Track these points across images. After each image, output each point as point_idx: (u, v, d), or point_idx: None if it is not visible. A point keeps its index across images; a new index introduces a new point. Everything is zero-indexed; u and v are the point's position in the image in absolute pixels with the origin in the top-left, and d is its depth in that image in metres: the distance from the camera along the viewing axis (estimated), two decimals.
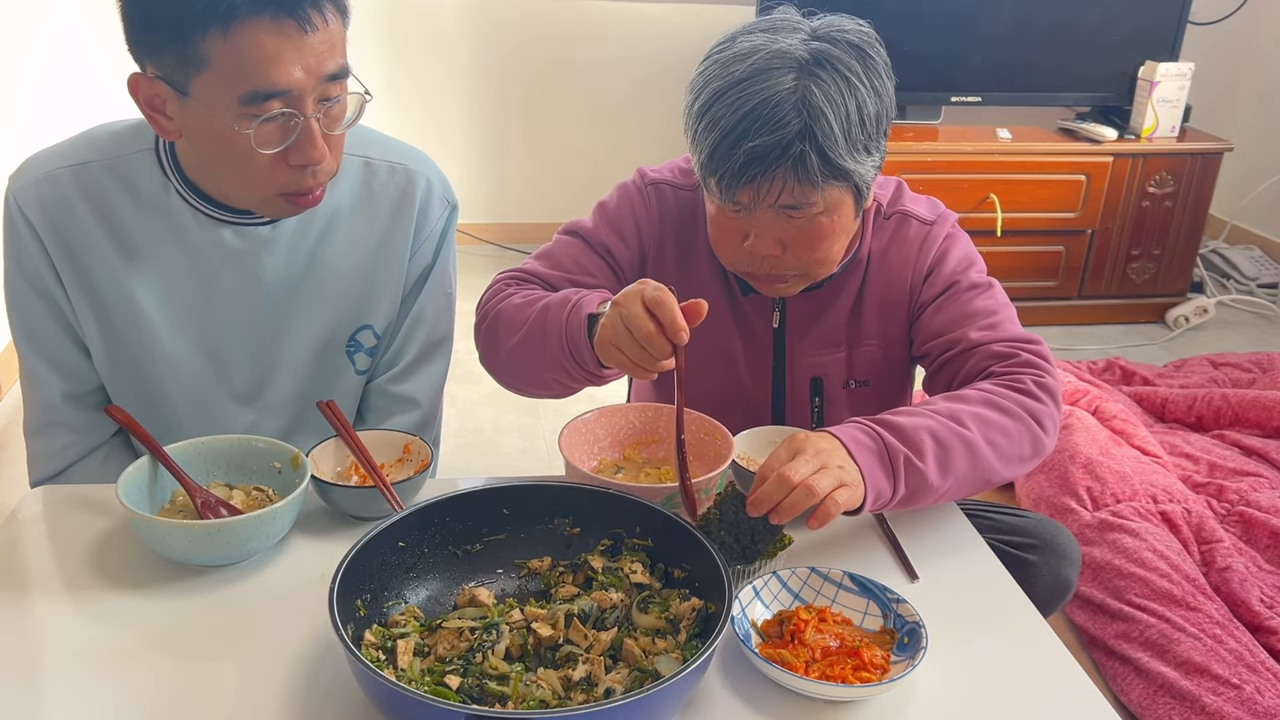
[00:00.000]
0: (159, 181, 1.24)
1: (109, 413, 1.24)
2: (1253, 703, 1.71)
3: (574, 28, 3.87)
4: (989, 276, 1.35)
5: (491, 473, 1.29)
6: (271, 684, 0.94)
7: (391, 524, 1.00)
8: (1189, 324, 3.58)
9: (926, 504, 1.15)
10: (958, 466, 1.13)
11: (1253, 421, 2.66)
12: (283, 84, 1.07)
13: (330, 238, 1.31)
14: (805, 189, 1.16)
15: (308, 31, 1.07)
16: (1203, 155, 3.44)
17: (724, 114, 1.15)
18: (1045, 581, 1.37)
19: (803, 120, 1.13)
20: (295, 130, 1.11)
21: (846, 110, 1.14)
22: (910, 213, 1.35)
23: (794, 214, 1.19)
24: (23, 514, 1.18)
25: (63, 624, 1.01)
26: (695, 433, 1.28)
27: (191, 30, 1.05)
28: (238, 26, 1.04)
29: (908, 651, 0.97)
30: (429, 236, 1.36)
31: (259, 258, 1.27)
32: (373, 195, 1.32)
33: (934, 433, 1.13)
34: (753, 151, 1.13)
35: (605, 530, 1.08)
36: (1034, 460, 1.22)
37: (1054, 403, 1.23)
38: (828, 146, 1.14)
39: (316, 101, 1.11)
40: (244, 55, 1.05)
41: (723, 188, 1.17)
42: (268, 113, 1.08)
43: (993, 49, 3.42)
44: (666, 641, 0.97)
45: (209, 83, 1.08)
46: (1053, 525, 1.43)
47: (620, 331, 1.07)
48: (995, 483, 1.19)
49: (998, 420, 1.17)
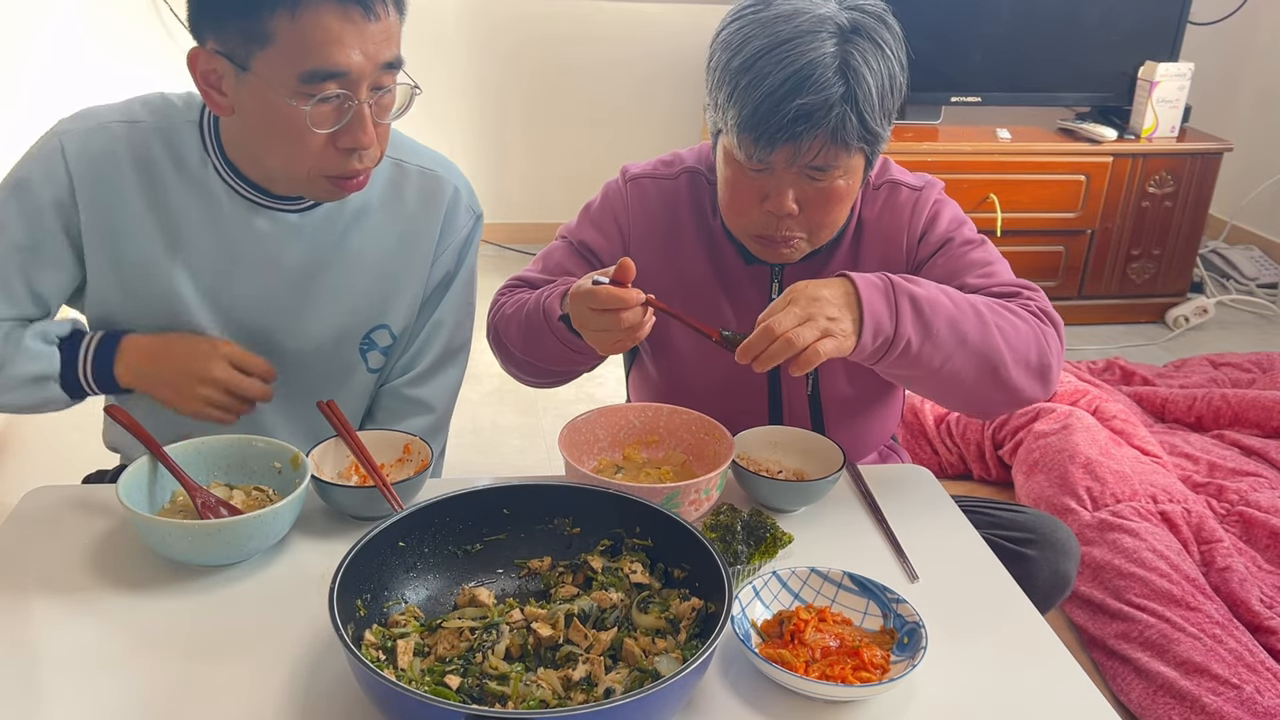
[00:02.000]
0: (199, 155, 1.26)
1: (109, 412, 1.24)
2: (1253, 703, 1.71)
3: (574, 28, 3.87)
4: (980, 234, 1.38)
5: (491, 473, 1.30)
6: (271, 684, 0.94)
7: (391, 524, 1.00)
8: (1189, 324, 3.58)
9: (931, 365, 1.18)
10: (966, 330, 1.18)
11: (1253, 421, 2.66)
12: (342, 66, 1.11)
13: (355, 233, 1.33)
14: (837, 151, 1.19)
15: (370, 19, 1.11)
16: (1202, 155, 3.44)
17: (771, 70, 1.17)
18: (1044, 576, 1.37)
19: (847, 84, 1.17)
20: (348, 113, 1.15)
21: (881, 78, 1.20)
22: (899, 180, 1.39)
23: (818, 175, 1.22)
24: (23, 514, 1.18)
25: (63, 624, 1.01)
26: (695, 432, 1.28)
27: (260, 7, 1.09)
28: (306, 7, 1.09)
29: (908, 651, 0.97)
30: (453, 244, 1.39)
31: (285, 243, 1.29)
32: (401, 196, 1.35)
33: (949, 294, 1.19)
34: (801, 109, 1.16)
35: (605, 530, 1.08)
36: (1039, 376, 1.24)
37: (1058, 334, 1.28)
38: (866, 111, 1.18)
39: (370, 88, 1.15)
40: (308, 35, 1.09)
41: (760, 145, 1.19)
42: (324, 93, 1.12)
43: (993, 49, 3.42)
44: (666, 641, 0.97)
45: (270, 59, 1.11)
46: (1051, 521, 1.44)
47: (587, 321, 1.16)
48: (1001, 374, 1.21)
49: (1008, 315, 1.23)
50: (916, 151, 3.26)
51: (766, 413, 1.43)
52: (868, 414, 1.45)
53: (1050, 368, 1.25)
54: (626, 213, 1.41)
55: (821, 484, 1.21)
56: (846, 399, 1.41)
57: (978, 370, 1.20)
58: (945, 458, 2.64)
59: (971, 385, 1.22)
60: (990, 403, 1.27)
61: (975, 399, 1.26)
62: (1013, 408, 1.30)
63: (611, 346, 1.18)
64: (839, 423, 1.42)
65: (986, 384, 1.22)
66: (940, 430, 2.66)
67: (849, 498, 1.28)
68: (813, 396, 1.41)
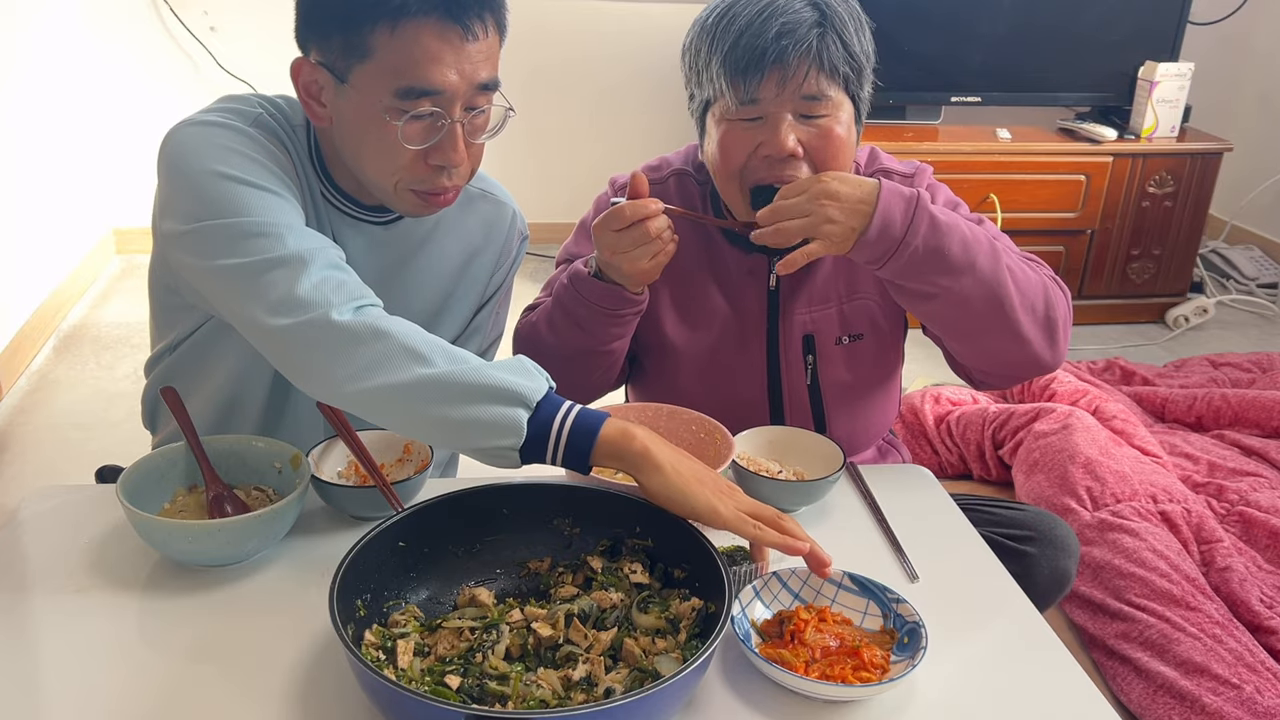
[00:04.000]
0: (297, 162, 1.24)
1: (163, 394, 1.24)
2: (1253, 703, 1.71)
3: (576, 28, 3.87)
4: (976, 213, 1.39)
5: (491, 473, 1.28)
6: (272, 683, 0.94)
7: (391, 524, 1.00)
8: (1189, 324, 3.58)
9: (938, 281, 1.21)
10: (976, 256, 1.21)
11: (1253, 421, 2.66)
12: (437, 84, 1.12)
13: (425, 250, 1.36)
14: (825, 79, 1.22)
15: (468, 40, 1.12)
16: (1203, 155, 3.44)
17: (744, 10, 1.23)
18: (1044, 574, 1.38)
19: (820, 11, 1.23)
20: (441, 131, 1.16)
21: (854, 18, 1.25)
22: (890, 169, 1.41)
23: (812, 110, 1.23)
24: (23, 514, 1.18)
25: (63, 624, 1.01)
26: (695, 432, 1.28)
27: (362, 21, 1.10)
28: (405, 23, 1.09)
29: (908, 651, 0.97)
30: (506, 265, 1.45)
31: (367, 254, 1.31)
32: (467, 218, 1.39)
33: (968, 222, 1.23)
34: (781, 27, 1.20)
35: (605, 530, 1.08)
36: (1046, 330, 1.27)
37: (1066, 299, 1.30)
38: (844, 34, 1.23)
39: (464, 108, 1.16)
40: (406, 51, 1.10)
41: (748, 77, 1.22)
42: (417, 109, 1.13)
43: (993, 49, 3.42)
44: (666, 641, 0.97)
45: (369, 72, 1.12)
46: (1050, 518, 1.44)
47: (618, 246, 1.20)
48: (1008, 312, 1.23)
49: (1016, 260, 1.27)
50: (916, 151, 3.26)
51: (766, 402, 1.43)
52: (867, 403, 1.45)
53: (1057, 325, 1.28)
54: None
55: (821, 484, 1.21)
56: (845, 386, 1.41)
57: (984, 301, 1.23)
58: (945, 457, 2.64)
59: (978, 317, 1.24)
60: (997, 349, 1.29)
61: (982, 337, 1.28)
62: (1019, 365, 1.30)
63: (647, 265, 1.21)
64: (839, 411, 1.42)
65: (993, 320, 1.24)
66: (940, 430, 2.66)
67: (849, 498, 1.28)
68: (812, 386, 1.41)
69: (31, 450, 2.60)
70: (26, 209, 3.08)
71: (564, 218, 3.70)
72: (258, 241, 1.07)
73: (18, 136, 3.01)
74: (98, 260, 3.63)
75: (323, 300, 1.04)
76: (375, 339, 1.02)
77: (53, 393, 2.88)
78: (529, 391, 1.00)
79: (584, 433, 1.01)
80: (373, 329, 1.02)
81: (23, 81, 3.07)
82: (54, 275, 3.28)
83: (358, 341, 1.02)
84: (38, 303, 3.12)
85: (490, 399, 0.99)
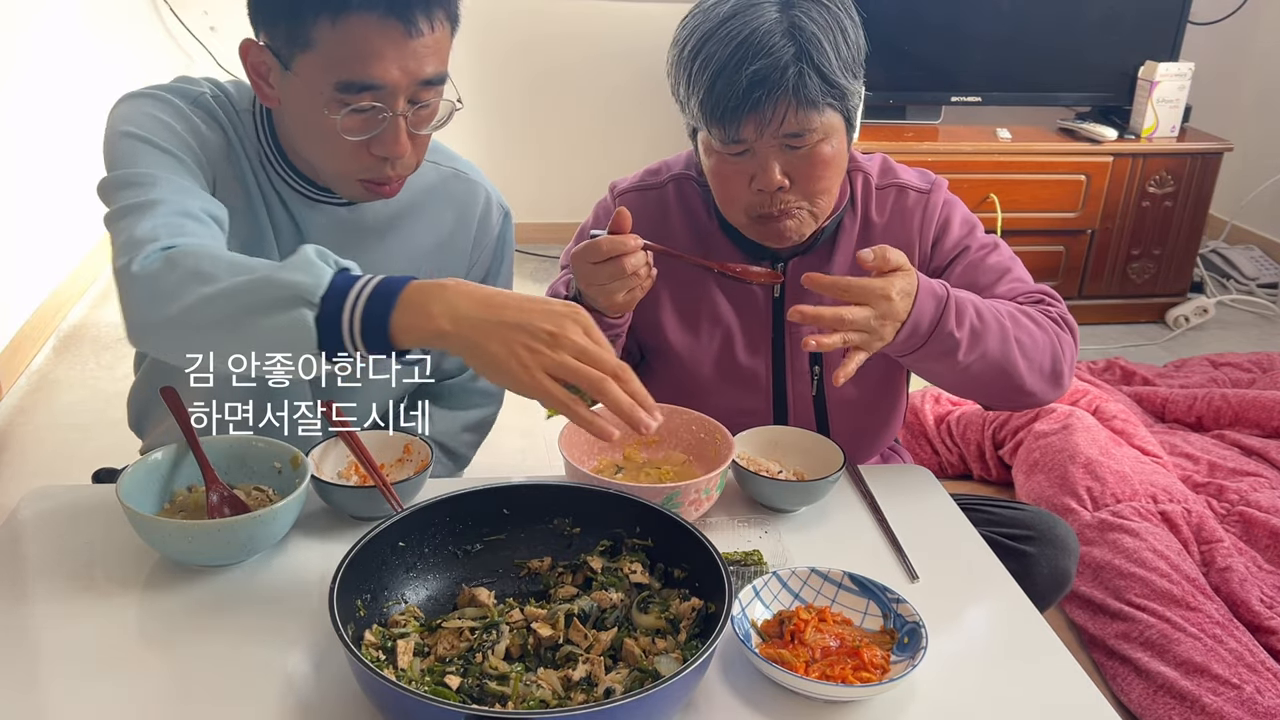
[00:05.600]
0: (255, 147, 1.26)
1: (162, 393, 1.23)
2: (1253, 703, 1.71)
3: (576, 27, 3.87)
4: (991, 234, 1.40)
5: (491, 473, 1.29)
6: (271, 684, 0.94)
7: (391, 524, 1.00)
8: (1189, 324, 3.58)
9: (947, 367, 1.23)
10: (986, 343, 1.22)
11: (1253, 421, 2.66)
12: (378, 79, 1.11)
13: (399, 231, 1.35)
14: (806, 113, 1.20)
15: (412, 35, 1.11)
16: (1203, 155, 3.44)
17: (717, 50, 1.19)
18: (1043, 573, 1.38)
19: (796, 44, 1.18)
20: (382, 124, 1.15)
21: (833, 34, 1.21)
22: (906, 184, 1.40)
23: (796, 143, 1.22)
24: (23, 514, 1.18)
25: (63, 624, 1.01)
26: (695, 433, 1.28)
27: (304, 11, 1.10)
28: (347, 17, 1.09)
29: (908, 651, 0.97)
30: (489, 244, 1.43)
31: (336, 236, 1.30)
32: (438, 200, 1.38)
33: (978, 307, 1.22)
34: (754, 75, 1.17)
35: (605, 530, 1.08)
36: (1051, 381, 1.29)
37: (1073, 338, 1.32)
38: (824, 65, 1.19)
39: (408, 101, 1.15)
40: (347, 45, 1.10)
41: (726, 123, 1.20)
42: (358, 103, 1.13)
43: (993, 49, 3.42)
44: (666, 641, 0.97)
45: (311, 62, 1.12)
46: (1050, 517, 1.44)
47: (594, 278, 1.17)
48: (1014, 377, 1.25)
49: (1027, 324, 1.26)
50: (916, 151, 3.26)
51: (771, 410, 1.43)
52: (872, 416, 1.45)
53: (1063, 374, 1.30)
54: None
55: (821, 484, 1.21)
56: (850, 400, 1.41)
57: (993, 377, 1.25)
58: (945, 458, 2.63)
59: (984, 387, 1.28)
60: (1003, 402, 1.34)
61: (987, 396, 1.33)
62: (1023, 406, 1.35)
63: (622, 300, 1.19)
64: (843, 425, 1.42)
65: (1000, 388, 1.27)
66: (940, 430, 2.66)
67: (849, 498, 1.28)
68: (817, 398, 1.41)
69: (31, 450, 2.60)
70: (26, 209, 3.08)
71: (565, 218, 3.70)
72: (129, 190, 1.09)
73: (18, 136, 3.01)
74: (98, 260, 3.63)
75: (150, 239, 1.01)
76: (169, 270, 0.98)
77: (52, 393, 2.88)
78: (309, 288, 0.94)
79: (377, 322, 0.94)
80: (168, 259, 0.99)
81: (23, 81, 3.07)
82: (54, 275, 3.28)
83: (154, 277, 0.98)
84: (38, 303, 3.11)
85: (273, 306, 0.94)
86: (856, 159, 1.40)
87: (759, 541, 1.16)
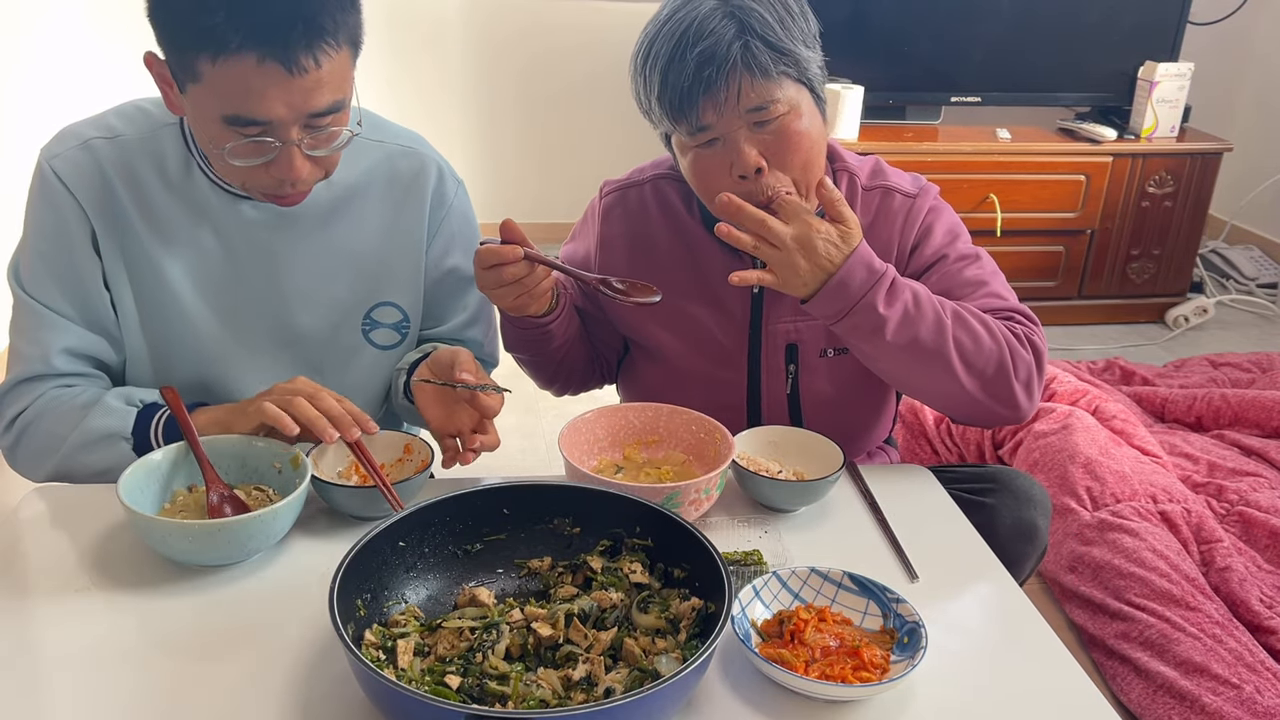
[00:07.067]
0: (183, 157, 1.27)
1: (163, 393, 1.25)
2: (1252, 703, 1.71)
3: (575, 27, 3.87)
4: (975, 246, 1.39)
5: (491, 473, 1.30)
6: (271, 684, 0.94)
7: (391, 524, 1.00)
8: (1189, 324, 3.58)
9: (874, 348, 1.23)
10: (920, 331, 1.21)
11: (1252, 421, 2.66)
12: (262, 117, 1.10)
13: (344, 217, 1.34)
14: (763, 85, 1.21)
15: (294, 74, 1.08)
16: (1202, 155, 3.44)
17: (663, 46, 1.22)
18: (1005, 523, 1.35)
19: (738, 21, 1.20)
20: (275, 151, 1.13)
21: (774, 8, 1.22)
22: (893, 186, 1.39)
23: (762, 118, 1.22)
24: (23, 514, 1.18)
25: (63, 624, 1.01)
26: (695, 433, 1.28)
27: (185, 49, 1.08)
28: (225, 59, 1.06)
29: (908, 651, 0.97)
30: (449, 214, 1.41)
31: (275, 230, 1.30)
32: (386, 178, 1.36)
33: (918, 296, 1.22)
34: (701, 55, 1.19)
35: (605, 530, 1.08)
36: (994, 393, 1.26)
37: (1037, 359, 1.29)
38: (768, 35, 1.20)
39: (302, 129, 1.13)
40: (229, 84, 1.08)
41: (686, 111, 1.22)
42: (246, 133, 1.11)
43: (993, 49, 3.42)
44: (666, 641, 0.97)
45: (199, 93, 1.11)
46: (1012, 471, 1.42)
47: (482, 284, 1.23)
48: (950, 376, 1.24)
49: (975, 328, 1.25)
50: (916, 151, 3.26)
51: (745, 409, 1.43)
52: (850, 416, 1.44)
53: (1013, 390, 1.26)
54: (599, 227, 1.45)
55: (821, 484, 1.21)
56: (826, 398, 1.41)
57: (925, 371, 1.24)
58: (945, 458, 2.63)
59: (921, 381, 1.27)
60: (950, 405, 1.30)
61: (930, 396, 1.31)
62: (980, 419, 1.31)
63: (512, 304, 1.24)
64: (818, 423, 1.41)
65: (938, 387, 1.26)
66: (940, 430, 2.66)
67: (849, 498, 1.28)
68: (791, 395, 1.41)
69: None
70: None
71: (564, 218, 3.70)
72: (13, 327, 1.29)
73: (19, 137, 3.01)
74: None
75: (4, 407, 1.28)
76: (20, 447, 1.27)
77: None
78: (119, 428, 1.22)
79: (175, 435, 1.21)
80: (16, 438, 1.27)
81: (25, 82, 3.07)
82: None
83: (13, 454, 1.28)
84: None
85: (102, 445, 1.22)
86: (846, 159, 1.40)
87: (759, 541, 1.16)
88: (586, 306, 1.47)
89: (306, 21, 1.06)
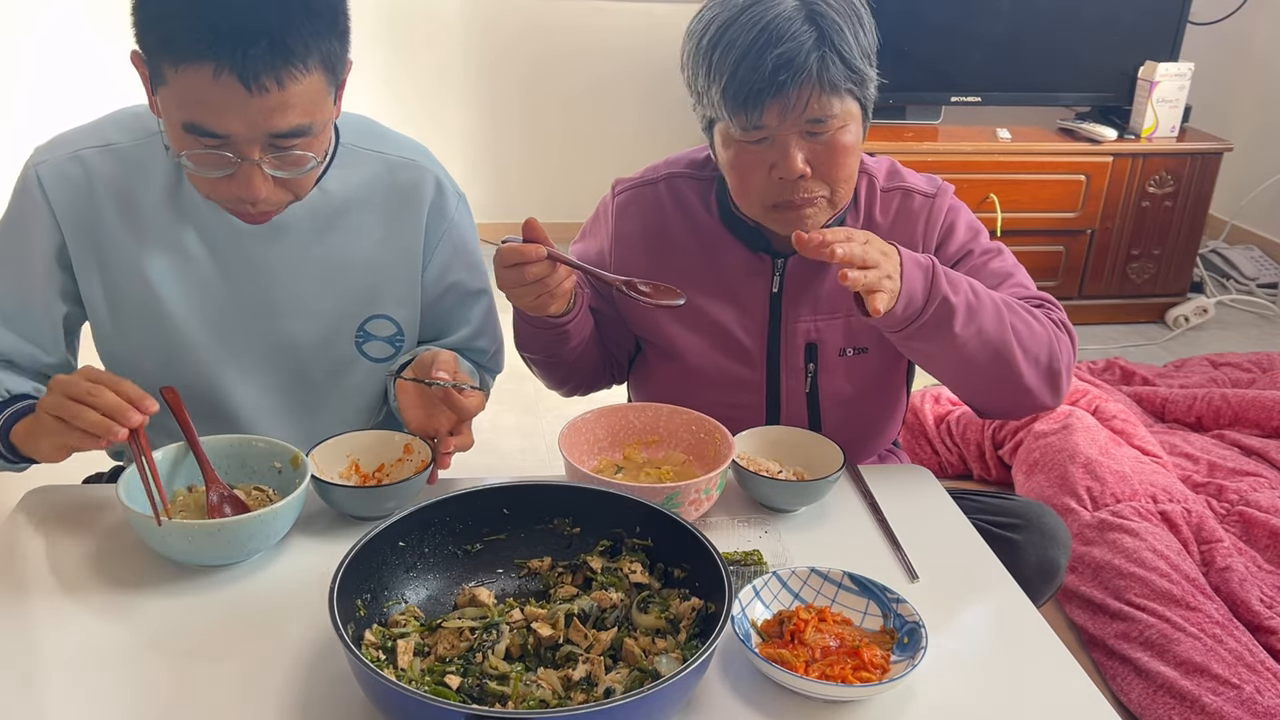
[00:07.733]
0: (174, 164, 1.25)
1: (163, 393, 1.23)
2: (1253, 703, 1.71)
3: (576, 27, 3.87)
4: (995, 241, 1.40)
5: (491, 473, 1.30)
6: (271, 684, 0.94)
7: (391, 524, 1.00)
8: (1189, 324, 3.58)
9: (944, 345, 1.21)
10: (983, 321, 1.21)
11: (1253, 421, 2.66)
12: (219, 130, 1.07)
13: (338, 227, 1.32)
14: (828, 99, 1.21)
15: (254, 93, 1.04)
16: (1202, 155, 3.44)
17: (739, 36, 1.20)
18: (1030, 562, 1.36)
19: (818, 29, 1.19)
20: (232, 167, 1.11)
21: (852, 21, 1.22)
22: (911, 187, 1.40)
23: (817, 129, 1.22)
24: (23, 514, 1.18)
25: (63, 624, 1.01)
26: (695, 433, 1.28)
27: (152, 48, 1.07)
28: (184, 66, 1.04)
29: (908, 651, 0.97)
30: (449, 228, 1.39)
31: (267, 241, 1.29)
32: (383, 190, 1.34)
33: (974, 288, 1.22)
34: (779, 59, 1.18)
35: (605, 530, 1.08)
36: (1048, 379, 1.28)
37: (1071, 343, 1.31)
38: (845, 50, 1.20)
39: (264, 149, 1.10)
40: (187, 91, 1.06)
41: (749, 109, 1.21)
42: (205, 144, 1.09)
43: (993, 49, 3.42)
44: (666, 641, 0.97)
45: (165, 96, 1.09)
46: (1039, 507, 1.43)
47: (503, 282, 1.20)
48: (1011, 365, 1.24)
49: (1024, 314, 1.26)
50: (916, 151, 3.26)
51: (764, 406, 1.43)
52: (866, 416, 1.45)
53: (1060, 374, 1.29)
54: (613, 225, 1.44)
55: (821, 484, 1.21)
56: (845, 398, 1.41)
57: (991, 354, 1.23)
58: (945, 458, 2.64)
59: (981, 372, 1.25)
60: (999, 396, 1.31)
61: (986, 388, 1.30)
62: (1021, 408, 1.32)
63: (532, 304, 1.21)
64: (837, 423, 1.41)
65: (997, 378, 1.25)
66: (940, 430, 2.66)
67: (849, 498, 1.28)
68: (810, 394, 1.41)
69: None
70: None
71: (567, 218, 3.69)
72: None
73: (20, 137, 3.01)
74: None
75: None
76: None
77: None
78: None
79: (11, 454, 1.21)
80: None
81: (26, 82, 3.07)
82: None
83: None
84: None
85: None
86: (863, 161, 1.40)
87: (759, 541, 1.17)
88: (600, 306, 1.46)
89: (273, 40, 1.03)
